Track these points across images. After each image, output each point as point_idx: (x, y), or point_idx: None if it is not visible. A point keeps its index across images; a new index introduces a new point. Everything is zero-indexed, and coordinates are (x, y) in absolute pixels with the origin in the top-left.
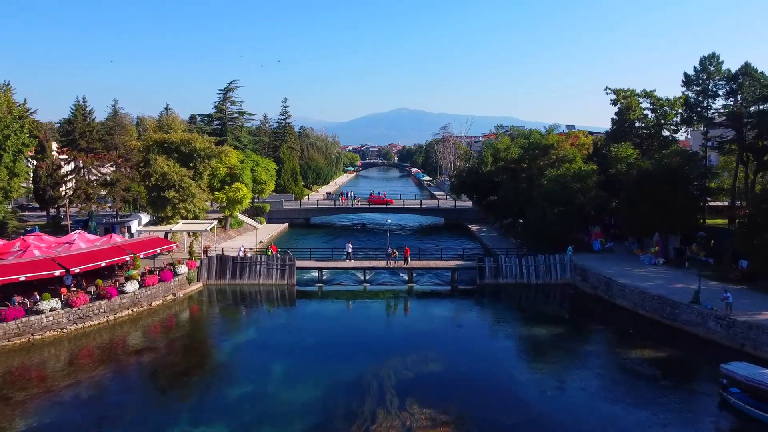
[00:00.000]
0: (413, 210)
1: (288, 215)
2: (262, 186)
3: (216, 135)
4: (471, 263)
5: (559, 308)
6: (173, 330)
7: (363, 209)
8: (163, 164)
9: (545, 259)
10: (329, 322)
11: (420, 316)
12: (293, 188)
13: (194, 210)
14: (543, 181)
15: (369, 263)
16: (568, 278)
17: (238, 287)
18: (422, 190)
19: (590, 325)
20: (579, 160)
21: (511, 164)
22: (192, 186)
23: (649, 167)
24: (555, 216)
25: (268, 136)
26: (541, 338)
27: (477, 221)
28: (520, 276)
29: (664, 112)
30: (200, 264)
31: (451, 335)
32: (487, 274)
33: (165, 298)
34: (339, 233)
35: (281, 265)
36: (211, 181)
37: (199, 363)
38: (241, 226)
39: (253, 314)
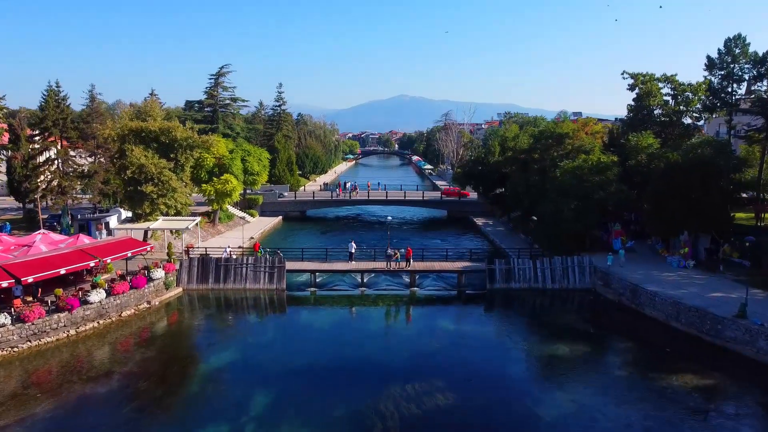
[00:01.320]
0: (415, 202)
1: (282, 208)
2: (254, 177)
3: (207, 122)
4: (479, 265)
5: (579, 319)
6: (142, 348)
7: (362, 201)
8: (140, 155)
9: (562, 261)
10: (322, 337)
11: (423, 331)
12: (288, 179)
13: (175, 206)
14: (557, 173)
15: (367, 265)
16: (588, 283)
17: (222, 293)
18: (423, 179)
19: (618, 341)
20: (598, 151)
21: (521, 154)
22: (172, 179)
23: (678, 159)
24: (572, 212)
25: (263, 124)
26: (563, 359)
27: (482, 214)
28: (534, 280)
29: (686, 98)
30: (180, 267)
31: (460, 357)
32: (497, 278)
33: (138, 307)
34: (336, 228)
35: (270, 268)
36: (197, 172)
37: (168, 392)
38: (231, 220)
39: (236, 327)
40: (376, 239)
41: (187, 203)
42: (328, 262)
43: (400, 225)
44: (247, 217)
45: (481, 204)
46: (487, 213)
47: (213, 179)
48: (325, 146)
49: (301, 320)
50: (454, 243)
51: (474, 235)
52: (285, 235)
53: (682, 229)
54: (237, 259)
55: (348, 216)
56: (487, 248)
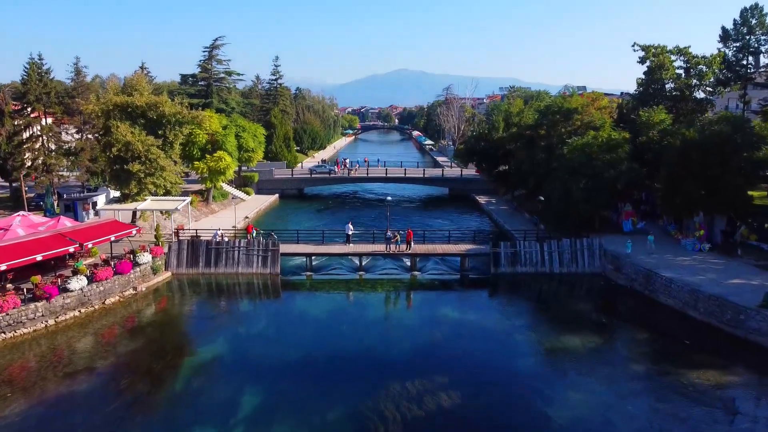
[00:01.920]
0: (415, 180)
1: (279, 186)
2: (250, 154)
3: (201, 97)
4: (483, 248)
5: (590, 307)
6: (126, 339)
7: (361, 179)
8: (126, 132)
9: (571, 244)
10: (317, 327)
11: (425, 319)
12: (285, 155)
13: (164, 185)
14: (565, 150)
15: (366, 248)
16: (598, 267)
17: (213, 277)
18: (424, 155)
19: (632, 331)
20: (608, 127)
21: (526, 131)
22: (160, 157)
23: (694, 136)
24: (581, 192)
25: (259, 99)
26: (574, 352)
27: (485, 192)
28: (541, 264)
29: (700, 72)
30: (168, 250)
31: (464, 350)
32: (502, 262)
33: (123, 294)
34: (334, 207)
35: (263, 251)
36: (189, 149)
37: (152, 390)
38: (226, 198)
39: (227, 315)
40: (375, 219)
41: (177, 182)
42: (324, 245)
43: (400, 203)
44: (242, 196)
45: (483, 182)
46: (489, 191)
47: (206, 156)
48: (324, 121)
49: (296, 308)
50: (456, 223)
51: (477, 214)
52: (281, 214)
53: (698, 210)
54: (229, 242)
55: (347, 194)
56: (490, 228)
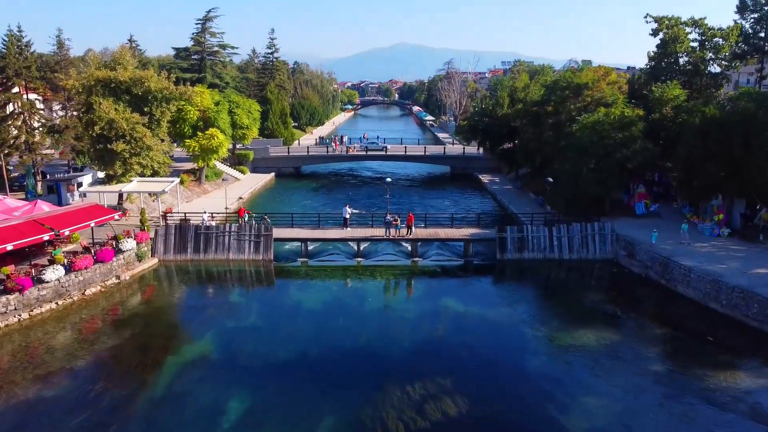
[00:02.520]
0: (416, 158)
1: (275, 164)
2: (244, 131)
3: (194, 72)
4: (489, 232)
5: (603, 297)
6: (105, 334)
7: (360, 157)
8: (109, 109)
9: (581, 228)
10: (312, 320)
11: (426, 312)
12: (282, 132)
13: (151, 165)
14: (574, 128)
15: (364, 232)
16: (609, 253)
17: (203, 264)
18: (424, 131)
19: (650, 326)
20: (621, 104)
21: (533, 107)
22: (146, 136)
23: (715, 113)
24: (592, 173)
25: (255, 74)
26: (589, 350)
27: (488, 171)
28: (549, 250)
29: (716, 45)
30: (155, 235)
31: (469, 347)
32: (509, 248)
33: (105, 284)
34: (332, 186)
35: (255, 237)
36: (180, 127)
37: (131, 395)
38: (219, 177)
39: (216, 307)
40: (374, 199)
41: (166, 162)
42: (320, 229)
43: (400, 182)
44: (236, 175)
45: (486, 160)
46: (492, 169)
47: (197, 134)
48: (323, 96)
49: (290, 298)
50: (459, 204)
51: (480, 194)
52: (277, 194)
53: (716, 192)
54: (219, 227)
55: (345, 172)
56: (494, 210)
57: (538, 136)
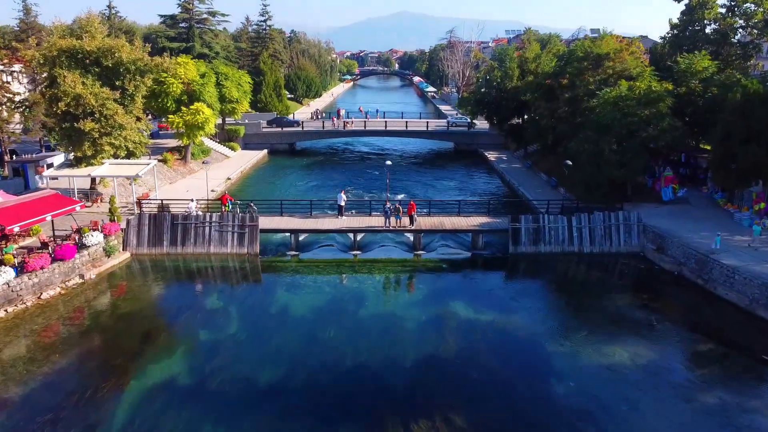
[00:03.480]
0: (418, 134)
1: (267, 140)
2: (233, 105)
3: (181, 41)
4: (500, 222)
5: (633, 301)
6: (56, 351)
7: (358, 132)
8: (75, 83)
9: (604, 218)
10: (300, 331)
11: (431, 319)
12: (276, 105)
13: (125, 145)
14: (594, 103)
15: (361, 222)
16: (636, 246)
17: (181, 259)
18: (426, 102)
19: (690, 339)
20: (648, 77)
21: (546, 79)
22: (119, 113)
23: (759, 89)
24: (615, 154)
25: (247, 43)
26: (624, 373)
27: (494, 147)
28: (568, 242)
29: (746, 11)
30: (127, 225)
31: (482, 368)
32: (523, 240)
33: (66, 285)
34: (328, 165)
35: (239, 227)
36: (163, 101)
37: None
38: (207, 155)
39: (190, 313)
40: (373, 181)
41: (142, 142)
42: (313, 218)
43: (400, 160)
44: (226, 152)
45: (492, 135)
46: (499, 146)
47: (181, 109)
48: (320, 67)
49: (276, 302)
50: (464, 184)
51: (486, 174)
52: (269, 173)
53: (757, 178)
54: (199, 216)
55: (342, 148)
56: (503, 191)
57: (552, 111)
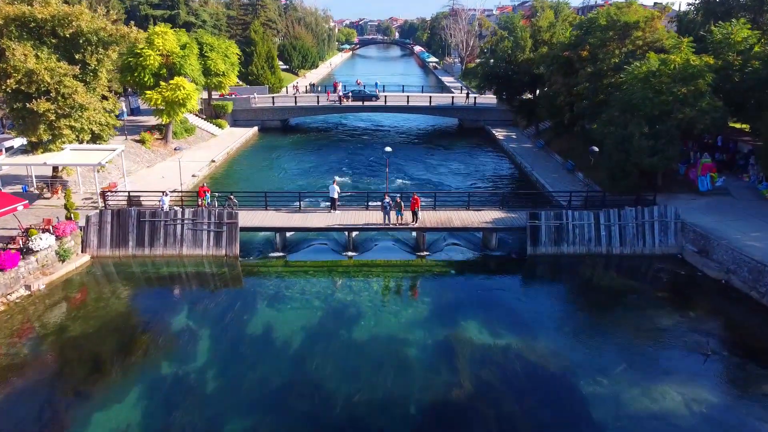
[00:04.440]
0: (420, 109)
1: (258, 116)
2: (220, 79)
3: (165, 8)
4: (515, 217)
5: (678, 320)
6: None
7: (355, 108)
8: (27, 57)
9: (636, 214)
10: (282, 360)
11: (439, 346)
12: (269, 78)
13: (88, 128)
14: (621, 79)
15: (357, 217)
16: (673, 247)
17: (149, 262)
18: (427, 73)
19: (760, 375)
20: (686, 50)
21: (564, 51)
22: (78, 91)
23: None
24: (647, 139)
25: (237, 11)
26: (682, 428)
27: (501, 124)
28: (595, 242)
29: None
30: (87, 224)
31: (501, 415)
32: (542, 239)
33: (7, 299)
34: (323, 144)
35: (217, 225)
36: (139, 75)
37: None
38: (192, 134)
39: (153, 335)
40: (371, 165)
41: (110, 123)
42: (302, 212)
43: (400, 138)
44: (213, 130)
45: (500, 111)
46: (507, 123)
47: (161, 84)
48: (317, 36)
49: (256, 322)
50: (470, 166)
51: (495, 154)
52: (257, 155)
53: None
54: (169, 213)
55: (339, 126)
56: (513, 174)
57: (570, 87)
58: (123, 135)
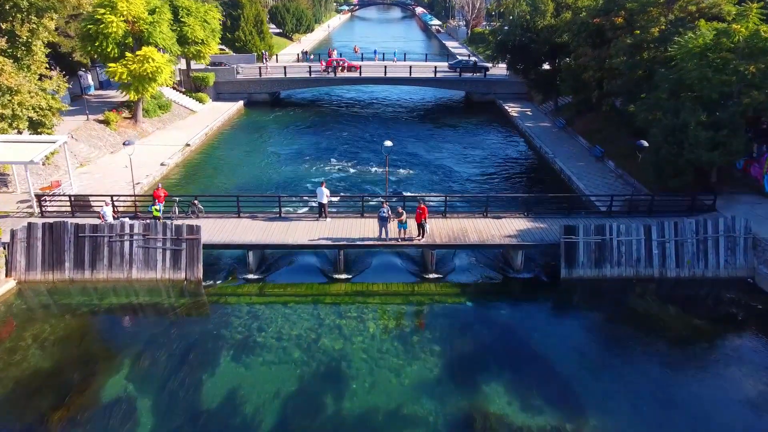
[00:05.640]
0: (424, 81)
1: (244, 89)
2: (198, 48)
3: None
4: (544, 228)
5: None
6: None
7: (352, 80)
8: None
9: (697, 226)
10: None
11: (454, 424)
12: (257, 45)
13: (24, 115)
14: (670, 53)
15: (349, 227)
16: (743, 268)
17: (91, 288)
18: (430, 37)
19: None
20: (755, 18)
21: (594, 17)
22: (6, 70)
23: None
24: (705, 130)
25: None
26: None
27: (514, 99)
28: (646, 262)
29: None
30: (11, 240)
31: None
32: (580, 259)
33: None
34: (316, 122)
35: (174, 242)
36: (101, 45)
37: None
38: (167, 110)
39: (80, 403)
40: (370, 148)
41: (53, 107)
42: (282, 220)
43: (399, 115)
44: (191, 106)
45: (512, 84)
46: (521, 97)
47: (126, 55)
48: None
49: (215, 385)
50: (482, 151)
51: (508, 135)
52: (240, 137)
53: None
54: (115, 226)
55: (334, 100)
56: (531, 159)
57: (600, 60)
58: (84, 114)
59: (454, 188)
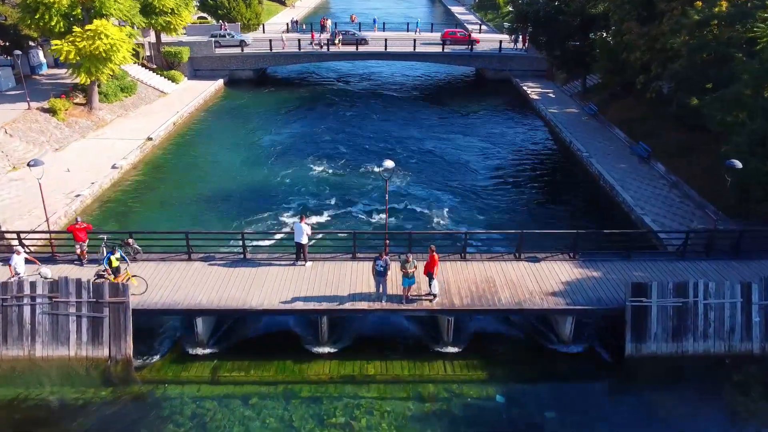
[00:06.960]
0: (431, 57)
1: (224, 65)
2: (168, 19)
3: None
4: (598, 276)
5: None
6: None
7: (348, 55)
8: None
9: None
10: None
11: None
12: (243, 12)
13: None
14: (757, 32)
15: (337, 276)
16: None
17: None
18: (434, 2)
19: None
20: None
21: None
22: None
23: None
24: None
25: None
26: None
27: (533, 77)
28: (743, 333)
29: None
30: None
31: None
32: (653, 329)
33: None
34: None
35: (92, 306)
36: (43, 18)
37: None
38: (132, 93)
39: None
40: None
41: None
42: (244, 265)
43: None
44: (162, 86)
45: (530, 59)
46: (539, 74)
47: (74, 31)
48: None
49: None
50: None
51: (529, 124)
52: (216, 126)
53: None
54: (12, 285)
55: (327, 78)
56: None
57: (651, 38)
58: (25, 101)
59: (468, 200)
